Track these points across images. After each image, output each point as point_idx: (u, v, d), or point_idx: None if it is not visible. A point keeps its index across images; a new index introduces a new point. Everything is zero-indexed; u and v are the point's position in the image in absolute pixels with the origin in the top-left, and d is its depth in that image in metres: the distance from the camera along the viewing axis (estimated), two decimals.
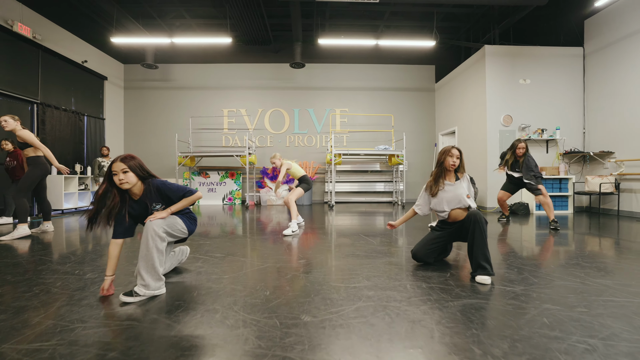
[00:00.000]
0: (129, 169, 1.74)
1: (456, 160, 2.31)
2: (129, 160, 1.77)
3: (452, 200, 2.29)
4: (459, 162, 2.32)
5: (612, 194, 5.49)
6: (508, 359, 1.15)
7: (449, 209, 2.31)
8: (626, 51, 5.46)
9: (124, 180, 1.73)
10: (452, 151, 2.31)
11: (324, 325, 1.43)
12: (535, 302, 1.68)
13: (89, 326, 1.42)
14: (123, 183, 1.73)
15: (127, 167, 1.74)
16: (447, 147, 2.36)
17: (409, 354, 1.19)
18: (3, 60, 5.27)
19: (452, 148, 2.32)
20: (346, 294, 1.82)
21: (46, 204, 3.88)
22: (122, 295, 1.68)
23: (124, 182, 1.73)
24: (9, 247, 3.05)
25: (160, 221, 1.79)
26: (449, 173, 2.36)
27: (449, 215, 2.32)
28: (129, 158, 1.78)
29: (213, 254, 2.78)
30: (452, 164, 2.30)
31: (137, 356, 1.18)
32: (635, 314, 1.53)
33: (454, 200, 2.28)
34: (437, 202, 2.35)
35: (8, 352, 1.21)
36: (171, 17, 7.38)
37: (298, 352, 1.21)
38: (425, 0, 5.46)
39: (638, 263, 2.46)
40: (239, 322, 1.46)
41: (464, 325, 1.43)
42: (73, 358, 1.17)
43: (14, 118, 3.59)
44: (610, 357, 1.17)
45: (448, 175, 2.36)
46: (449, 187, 2.32)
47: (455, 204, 2.29)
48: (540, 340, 1.29)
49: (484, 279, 1.97)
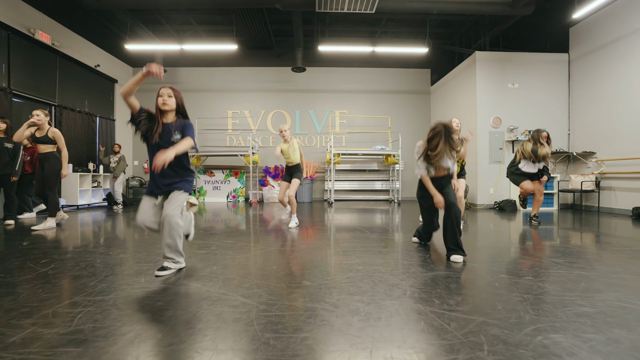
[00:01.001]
0: (174, 96, 2.08)
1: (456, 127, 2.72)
2: (176, 91, 2.11)
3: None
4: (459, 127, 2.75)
5: (592, 191, 5.87)
6: (459, 306, 1.53)
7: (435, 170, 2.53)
8: (608, 57, 5.83)
9: (167, 102, 2.04)
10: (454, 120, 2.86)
11: (321, 287, 1.82)
12: (494, 274, 2.06)
13: (135, 288, 1.81)
14: (165, 104, 2.04)
15: (173, 95, 2.08)
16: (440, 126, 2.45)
17: (387, 303, 1.57)
18: (25, 65, 5.67)
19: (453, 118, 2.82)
20: (340, 267, 2.21)
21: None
22: (157, 271, 2.03)
23: (166, 104, 2.04)
24: (42, 236, 3.44)
25: (176, 209, 2.01)
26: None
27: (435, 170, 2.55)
28: (176, 90, 2.12)
29: (224, 241, 3.17)
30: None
31: (178, 304, 1.57)
32: (570, 280, 1.91)
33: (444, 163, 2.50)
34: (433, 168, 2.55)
35: (81, 302, 1.59)
36: (179, 23, 7.77)
37: (301, 302, 1.59)
38: (417, 11, 5.83)
39: (580, 247, 2.84)
40: (253, 285, 1.84)
41: (431, 287, 1.81)
42: (130, 306, 1.55)
43: (45, 113, 3.80)
44: (536, 306, 1.54)
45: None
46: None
47: (445, 165, 2.49)
48: (488, 296, 1.67)
49: (457, 257, 2.35)
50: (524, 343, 1.18)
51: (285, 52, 8.94)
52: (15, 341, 1.20)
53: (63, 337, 1.23)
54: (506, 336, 1.24)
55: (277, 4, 5.59)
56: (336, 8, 5.32)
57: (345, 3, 5.20)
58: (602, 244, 2.99)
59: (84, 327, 1.31)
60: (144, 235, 3.43)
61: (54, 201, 3.88)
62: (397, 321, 1.37)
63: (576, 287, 1.80)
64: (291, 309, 1.50)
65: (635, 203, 5.27)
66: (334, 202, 7.90)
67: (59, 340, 1.20)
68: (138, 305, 1.55)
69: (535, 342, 1.19)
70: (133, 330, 1.29)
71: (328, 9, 5.35)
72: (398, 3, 5.67)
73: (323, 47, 6.79)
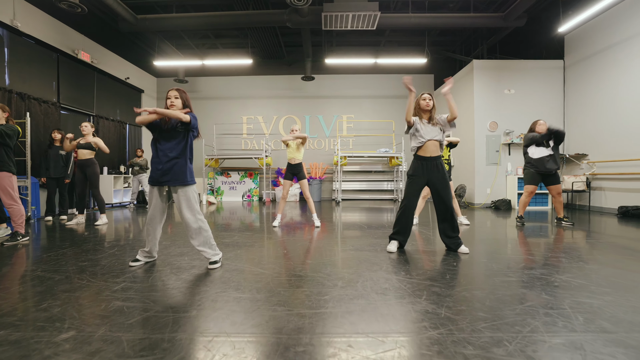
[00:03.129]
0: (180, 97, 2.31)
1: (429, 101, 2.78)
2: (182, 92, 2.33)
3: (430, 132, 2.76)
4: (432, 102, 2.77)
5: (584, 191, 6.22)
6: (421, 276, 2.10)
7: (427, 138, 2.75)
8: (601, 64, 6.17)
9: (174, 103, 2.28)
10: (423, 95, 2.81)
11: (324, 261, 2.42)
12: (458, 256, 2.61)
13: (193, 273, 2.46)
14: (172, 105, 2.28)
15: (179, 96, 2.30)
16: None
17: (368, 267, 2.16)
18: (70, 82, 6.51)
19: (423, 93, 2.82)
20: (341, 249, 2.80)
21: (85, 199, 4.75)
22: (209, 264, 2.33)
23: (173, 104, 2.28)
24: (99, 230, 4.18)
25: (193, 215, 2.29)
26: (425, 114, 2.82)
27: (424, 145, 2.76)
28: (182, 91, 2.33)
29: (244, 232, 3.81)
30: (426, 105, 2.78)
31: (231, 279, 2.20)
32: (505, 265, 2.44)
33: (432, 132, 2.76)
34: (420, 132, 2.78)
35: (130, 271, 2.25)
36: (199, 37, 8.53)
37: (308, 271, 2.20)
38: (416, 26, 6.33)
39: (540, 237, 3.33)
40: (269, 263, 2.47)
41: (404, 264, 2.38)
42: (179, 275, 2.20)
43: (91, 125, 4.64)
44: (466, 273, 2.10)
45: (425, 115, 2.82)
46: (427, 125, 2.79)
47: (432, 135, 2.75)
48: (443, 267, 2.24)
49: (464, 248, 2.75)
50: (449, 294, 1.76)
51: (295, 61, 9.58)
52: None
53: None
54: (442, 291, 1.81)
55: (288, 22, 6.22)
56: (340, 26, 5.90)
57: (349, 22, 5.77)
58: (578, 237, 3.47)
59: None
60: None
61: (101, 200, 4.64)
62: (371, 284, 1.96)
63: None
64: (291, 276, 2.12)
65: (621, 202, 5.62)
66: (341, 201, 8.48)
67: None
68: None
69: (454, 293, 1.76)
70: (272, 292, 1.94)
71: (333, 27, 5.93)
72: (397, 19, 6.20)
73: (330, 60, 7.37)
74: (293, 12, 6.03)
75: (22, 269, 2.34)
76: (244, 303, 1.68)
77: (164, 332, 1.36)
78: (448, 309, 1.57)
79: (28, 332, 1.38)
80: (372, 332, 1.36)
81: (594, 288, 1.86)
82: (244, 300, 1.71)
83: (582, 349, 1.20)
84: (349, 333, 1.35)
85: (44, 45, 5.88)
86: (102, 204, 4.66)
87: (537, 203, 6.81)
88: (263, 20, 6.36)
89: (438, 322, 1.43)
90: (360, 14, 5.49)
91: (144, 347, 1.25)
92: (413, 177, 2.85)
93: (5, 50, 5.27)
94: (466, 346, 1.23)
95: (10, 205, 3.21)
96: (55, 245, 3.14)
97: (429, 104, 2.79)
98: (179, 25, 6.52)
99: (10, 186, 3.20)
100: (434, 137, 2.76)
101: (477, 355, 1.17)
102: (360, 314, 1.53)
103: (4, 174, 3.17)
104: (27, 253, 2.82)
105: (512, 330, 1.35)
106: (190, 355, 1.19)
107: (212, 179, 9.30)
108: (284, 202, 4.29)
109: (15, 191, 3.25)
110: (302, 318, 1.49)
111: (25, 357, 1.19)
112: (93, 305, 1.66)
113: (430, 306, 1.61)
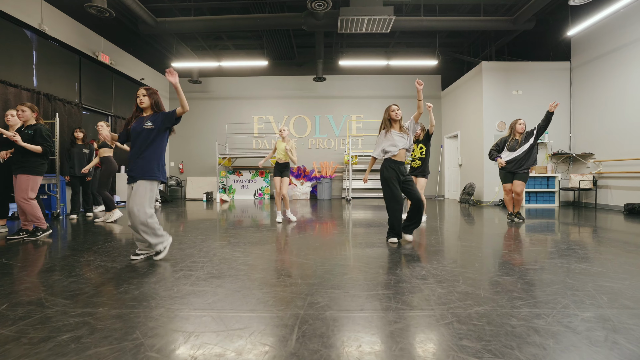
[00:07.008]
0: (147, 95, 2.47)
1: (398, 111, 3.05)
2: (150, 90, 2.50)
3: (399, 141, 3.04)
4: (400, 112, 3.05)
5: (590, 189, 6.42)
6: (452, 264, 2.30)
7: (398, 148, 3.02)
8: (607, 66, 6.34)
9: (142, 100, 2.45)
10: (392, 107, 3.09)
11: (331, 245, 2.62)
12: (483, 248, 2.81)
13: (205, 260, 2.67)
14: (141, 102, 2.45)
15: (147, 94, 2.47)
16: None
17: (366, 250, 2.37)
18: (91, 83, 6.71)
19: (392, 105, 3.12)
20: (352, 241, 3.01)
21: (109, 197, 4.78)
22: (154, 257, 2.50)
23: (142, 101, 2.45)
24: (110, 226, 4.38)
25: (144, 208, 2.35)
26: (395, 123, 3.10)
27: (398, 152, 3.02)
28: (152, 90, 2.50)
29: (257, 224, 4.02)
30: (395, 115, 3.05)
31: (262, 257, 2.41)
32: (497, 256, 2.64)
33: (401, 141, 3.05)
34: (390, 143, 3.04)
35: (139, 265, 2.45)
36: (212, 38, 8.72)
37: (319, 255, 2.41)
38: (427, 29, 6.51)
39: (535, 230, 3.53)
40: (285, 243, 2.67)
41: (434, 255, 2.58)
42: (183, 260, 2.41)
43: (107, 124, 4.75)
44: (465, 263, 2.30)
45: (394, 125, 3.10)
46: (397, 134, 3.06)
47: (402, 144, 3.04)
48: (469, 257, 2.44)
49: (409, 237, 3.07)
50: (482, 279, 1.96)
51: (306, 62, 9.76)
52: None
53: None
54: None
55: (304, 25, 6.40)
56: (356, 30, 6.09)
57: (364, 25, 5.95)
58: (588, 234, 3.67)
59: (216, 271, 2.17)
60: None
61: (107, 197, 4.69)
62: (410, 271, 2.17)
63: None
64: (299, 258, 2.32)
65: (627, 200, 5.81)
66: (351, 200, 8.68)
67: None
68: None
69: (487, 278, 1.96)
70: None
71: (348, 30, 6.11)
72: (410, 23, 6.39)
73: (343, 62, 7.56)
74: (309, 15, 6.21)
75: (78, 259, 2.54)
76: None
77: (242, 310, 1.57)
78: (485, 290, 1.78)
79: (123, 309, 1.58)
80: (423, 307, 1.56)
81: (612, 274, 2.06)
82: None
83: (610, 320, 1.40)
84: (403, 308, 1.55)
85: (68, 47, 6.08)
86: (108, 200, 4.69)
87: (543, 201, 7.00)
88: (279, 23, 6.55)
89: (480, 301, 1.63)
90: (375, 18, 5.67)
91: (235, 322, 1.45)
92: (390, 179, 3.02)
93: (33, 52, 5.47)
94: (510, 319, 1.43)
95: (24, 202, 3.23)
96: (95, 240, 3.34)
97: (398, 114, 3.07)
98: (197, 28, 6.71)
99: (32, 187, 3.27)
100: (403, 146, 3.06)
101: (522, 325, 1.37)
102: (409, 295, 1.73)
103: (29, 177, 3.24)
104: (70, 246, 3.02)
105: (547, 306, 1.56)
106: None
107: (224, 178, 9.49)
108: (279, 197, 4.58)
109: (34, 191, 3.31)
110: (381, 296, 1.69)
111: (132, 328, 1.39)
112: (168, 289, 1.86)
113: (469, 288, 1.81)
